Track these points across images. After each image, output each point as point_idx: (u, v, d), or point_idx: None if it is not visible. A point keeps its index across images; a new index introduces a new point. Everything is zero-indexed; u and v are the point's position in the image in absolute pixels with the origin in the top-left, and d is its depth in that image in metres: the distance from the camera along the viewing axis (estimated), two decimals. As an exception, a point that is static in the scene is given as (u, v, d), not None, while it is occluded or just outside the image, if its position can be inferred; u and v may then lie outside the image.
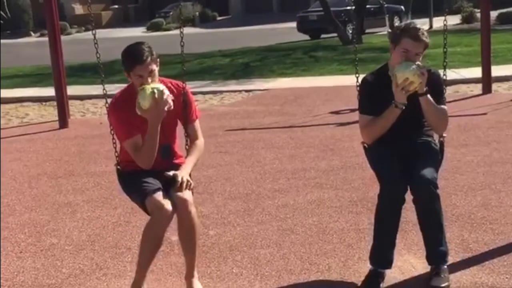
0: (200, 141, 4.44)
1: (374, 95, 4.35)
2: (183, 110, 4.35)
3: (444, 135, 4.49)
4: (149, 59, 4.17)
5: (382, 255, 4.31)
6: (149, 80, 4.18)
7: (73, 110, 12.42)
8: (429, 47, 4.39)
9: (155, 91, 4.09)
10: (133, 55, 4.19)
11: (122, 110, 4.23)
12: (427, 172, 4.15)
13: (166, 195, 4.12)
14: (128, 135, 4.24)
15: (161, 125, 4.19)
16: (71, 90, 12.99)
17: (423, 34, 4.24)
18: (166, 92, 4.15)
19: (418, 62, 4.19)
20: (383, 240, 4.30)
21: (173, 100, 4.18)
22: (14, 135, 10.44)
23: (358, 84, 4.51)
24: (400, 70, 4.15)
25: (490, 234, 5.02)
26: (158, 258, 4.61)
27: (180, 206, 4.11)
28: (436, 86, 4.34)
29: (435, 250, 4.27)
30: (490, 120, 9.20)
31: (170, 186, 4.15)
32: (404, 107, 4.20)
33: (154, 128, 4.17)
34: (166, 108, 4.14)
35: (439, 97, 4.34)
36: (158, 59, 4.26)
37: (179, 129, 4.44)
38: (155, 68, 4.21)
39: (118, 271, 4.84)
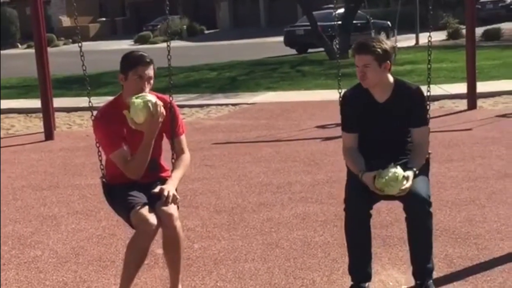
0: (186, 155, 4.45)
1: (354, 110, 4.32)
2: (170, 124, 4.35)
3: (429, 151, 4.48)
4: (151, 64, 4.21)
5: (359, 269, 4.30)
6: (146, 87, 4.18)
7: (59, 122, 12.38)
8: (415, 63, 4.39)
9: (149, 104, 4.09)
10: (137, 56, 4.24)
11: (108, 123, 4.22)
12: (421, 190, 4.13)
13: (151, 209, 4.11)
14: (115, 147, 4.22)
15: None
16: (58, 102, 12.95)
17: (365, 45, 4.16)
18: (159, 102, 4.17)
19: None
20: (356, 254, 4.29)
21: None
22: (-1, 147, 10.39)
23: (339, 99, 4.50)
24: (387, 190, 4.05)
25: (474, 250, 5.04)
26: (143, 271, 4.59)
27: (165, 220, 4.10)
28: (417, 102, 4.29)
29: (423, 267, 4.27)
30: (475, 136, 9.25)
31: (156, 200, 4.15)
32: None
33: (149, 139, 4.19)
34: (161, 119, 4.15)
35: (420, 114, 4.31)
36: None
37: (165, 143, 4.44)
38: (153, 76, 4.23)
39: (102, 284, 4.82)
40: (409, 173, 4.10)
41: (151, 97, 4.15)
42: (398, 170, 4.07)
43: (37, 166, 8.87)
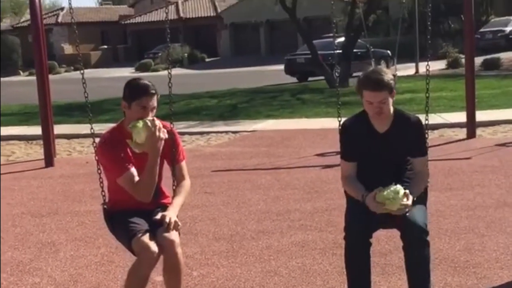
0: (187, 182, 4.46)
1: (353, 140, 4.34)
2: (170, 150, 4.37)
3: (428, 180, 4.49)
4: (156, 95, 4.23)
5: None
6: (150, 116, 4.21)
7: (59, 149, 12.41)
8: (415, 91, 4.41)
9: (147, 121, 4.13)
10: (142, 86, 4.23)
11: (113, 147, 4.23)
12: (418, 219, 4.13)
13: (153, 236, 4.12)
14: (122, 170, 4.21)
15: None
16: (58, 129, 13.00)
17: (381, 81, 4.13)
18: (157, 121, 4.19)
19: None
20: (355, 283, 4.29)
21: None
22: (-1, 173, 10.39)
23: (339, 128, 4.52)
24: (388, 203, 4.05)
25: (473, 278, 5.04)
26: (141, 299, 4.57)
27: (167, 247, 4.10)
28: (416, 132, 4.31)
29: (421, 295, 4.25)
30: (474, 165, 9.26)
31: (157, 227, 4.16)
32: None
33: (154, 158, 4.19)
34: (162, 135, 4.16)
35: (420, 145, 4.33)
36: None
37: (166, 169, 4.46)
38: (156, 106, 4.25)
39: (101, 311, 4.80)
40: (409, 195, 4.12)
41: (148, 118, 4.19)
42: (398, 187, 4.09)
43: (37, 193, 8.87)
